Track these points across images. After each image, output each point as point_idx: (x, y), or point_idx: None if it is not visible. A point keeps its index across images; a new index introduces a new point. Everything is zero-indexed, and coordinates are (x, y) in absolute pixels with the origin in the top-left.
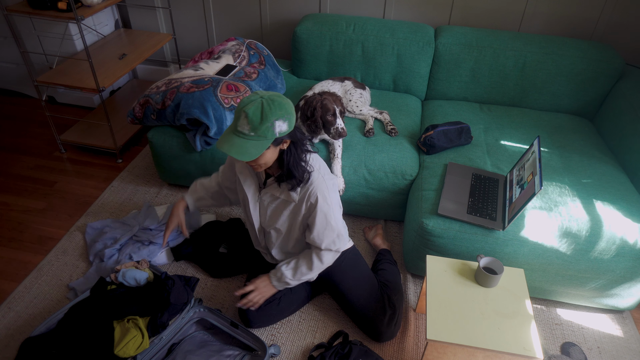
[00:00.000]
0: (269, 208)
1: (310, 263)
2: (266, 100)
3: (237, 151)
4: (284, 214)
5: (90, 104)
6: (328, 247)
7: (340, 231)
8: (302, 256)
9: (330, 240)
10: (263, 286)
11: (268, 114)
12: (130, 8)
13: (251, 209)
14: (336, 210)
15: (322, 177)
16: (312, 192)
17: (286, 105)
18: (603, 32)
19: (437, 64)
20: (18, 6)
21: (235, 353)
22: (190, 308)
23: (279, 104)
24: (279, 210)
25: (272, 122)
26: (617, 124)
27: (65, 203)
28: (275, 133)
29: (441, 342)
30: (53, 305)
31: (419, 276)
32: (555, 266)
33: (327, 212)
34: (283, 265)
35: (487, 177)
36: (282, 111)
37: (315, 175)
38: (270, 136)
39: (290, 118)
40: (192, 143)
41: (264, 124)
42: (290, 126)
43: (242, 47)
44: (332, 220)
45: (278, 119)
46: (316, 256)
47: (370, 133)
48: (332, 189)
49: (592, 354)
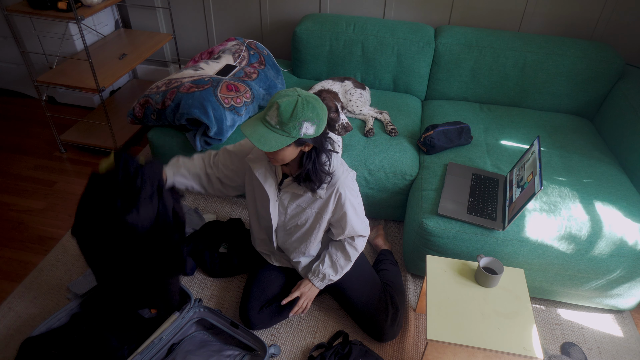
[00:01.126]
0: (289, 207)
1: (347, 253)
2: (302, 99)
3: (259, 138)
4: (307, 212)
5: (90, 104)
6: (362, 233)
7: (365, 219)
8: (333, 251)
9: (362, 228)
10: (307, 290)
11: (299, 113)
12: (130, 8)
13: (271, 208)
14: (360, 200)
15: (347, 170)
16: (339, 187)
17: (319, 110)
18: (603, 32)
19: (437, 64)
20: (18, 6)
21: (235, 353)
22: (190, 308)
23: (312, 106)
24: (300, 207)
25: (301, 122)
26: (617, 124)
27: (65, 203)
28: (301, 133)
29: (441, 342)
30: (53, 305)
31: (419, 276)
32: (555, 266)
33: (356, 205)
34: (320, 265)
35: (487, 177)
36: (314, 114)
37: (339, 170)
38: (294, 134)
39: (319, 124)
40: (192, 143)
41: (292, 121)
42: (317, 131)
43: (242, 47)
44: (360, 210)
45: (307, 120)
46: (350, 245)
47: (370, 133)
48: (353, 180)
49: (592, 354)
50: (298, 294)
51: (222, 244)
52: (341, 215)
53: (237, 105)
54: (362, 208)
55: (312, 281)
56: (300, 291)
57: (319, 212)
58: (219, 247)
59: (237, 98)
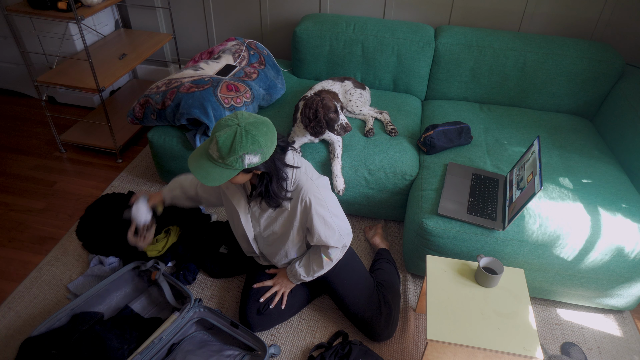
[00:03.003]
0: (261, 218)
1: (320, 262)
2: (241, 130)
3: (203, 175)
4: (278, 221)
5: (90, 104)
6: (334, 245)
7: (341, 229)
8: (312, 254)
9: (334, 240)
10: (282, 281)
11: (237, 147)
12: (130, 8)
13: (243, 222)
14: (332, 208)
15: (310, 179)
16: (303, 196)
17: (260, 139)
18: (603, 32)
19: (437, 64)
20: (18, 6)
21: (235, 353)
22: (190, 308)
23: (252, 136)
24: (271, 217)
25: (242, 155)
26: (617, 124)
27: (65, 203)
28: (244, 165)
29: (441, 342)
30: (53, 305)
31: (419, 276)
32: (555, 266)
33: (324, 213)
34: (296, 264)
35: (487, 177)
36: (255, 145)
37: (303, 178)
38: (238, 167)
39: (263, 152)
40: (192, 143)
41: (232, 155)
42: (263, 158)
43: (242, 47)
44: (330, 219)
45: (249, 152)
46: (325, 255)
47: (370, 133)
48: (323, 188)
49: (592, 354)
50: (271, 284)
51: (222, 244)
52: (309, 225)
53: (237, 105)
54: (334, 217)
55: (288, 276)
56: (274, 281)
57: (288, 219)
58: (219, 247)
59: (237, 98)
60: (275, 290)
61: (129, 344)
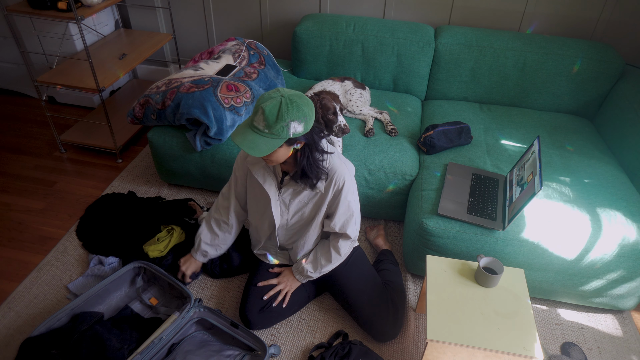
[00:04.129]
0: (291, 204)
1: (329, 255)
2: (285, 100)
3: (249, 145)
4: (308, 205)
5: (90, 104)
6: (349, 233)
7: (358, 219)
8: (319, 249)
9: (351, 228)
10: (287, 280)
11: (284, 114)
12: (130, 8)
13: (273, 208)
14: (355, 195)
15: (344, 163)
16: (337, 177)
17: (304, 107)
18: (603, 32)
19: (437, 64)
20: (18, 6)
21: (235, 353)
22: (190, 308)
23: (297, 105)
24: (302, 203)
25: (288, 123)
26: (617, 124)
27: (65, 203)
28: (290, 133)
29: (441, 342)
30: (53, 305)
31: (419, 276)
32: (555, 266)
33: (350, 199)
34: (303, 261)
35: (487, 177)
36: (300, 113)
37: (337, 162)
38: (284, 135)
39: (307, 120)
40: (192, 143)
41: (279, 123)
42: (306, 128)
43: (242, 47)
44: (353, 206)
45: (294, 120)
46: (333, 248)
47: (370, 133)
48: (351, 173)
49: (592, 354)
50: (275, 282)
51: None
52: (335, 207)
53: (237, 105)
54: (356, 206)
55: (293, 273)
56: (278, 280)
57: (318, 203)
58: None
59: (237, 98)
60: (280, 289)
61: (129, 344)
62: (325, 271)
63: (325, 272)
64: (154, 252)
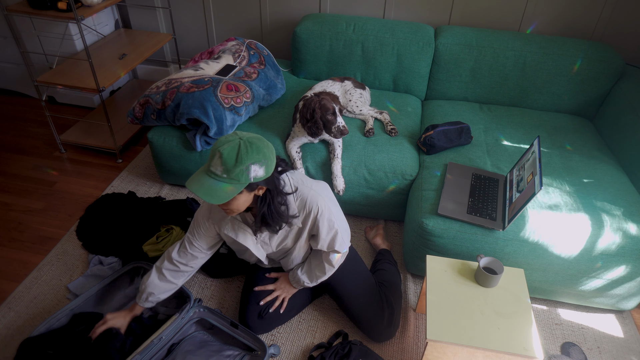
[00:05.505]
0: (272, 240)
1: (322, 267)
2: (244, 142)
3: (206, 192)
4: (289, 237)
5: (90, 104)
6: (337, 249)
7: (344, 232)
8: (313, 260)
9: (338, 244)
10: (283, 286)
11: (244, 157)
12: (130, 8)
13: (255, 252)
14: (336, 213)
15: (310, 188)
16: (307, 206)
17: (264, 150)
18: (603, 32)
19: (437, 64)
20: (18, 6)
21: (235, 353)
22: (190, 308)
23: (257, 147)
24: (283, 236)
25: (248, 166)
26: (617, 124)
27: (65, 203)
28: (250, 178)
29: (441, 342)
30: (53, 305)
31: (419, 276)
32: (555, 266)
33: (329, 217)
34: (298, 270)
35: (487, 177)
36: (260, 155)
37: (304, 191)
38: (244, 180)
39: (267, 163)
40: (192, 143)
41: (238, 166)
42: (267, 172)
43: (242, 47)
44: (334, 224)
45: (254, 162)
46: (326, 261)
47: (370, 133)
48: (323, 193)
49: (592, 354)
50: (272, 288)
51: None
52: (316, 230)
53: (237, 105)
54: (338, 221)
55: (290, 280)
56: (275, 286)
57: (298, 231)
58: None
59: (237, 98)
60: (277, 295)
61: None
62: (321, 280)
63: (322, 281)
64: (153, 252)
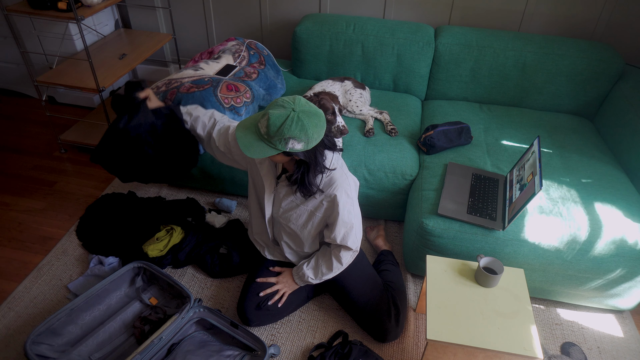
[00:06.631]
0: (284, 200)
1: (330, 264)
2: (294, 115)
3: (246, 144)
4: (300, 208)
5: (90, 104)
6: (349, 245)
7: (357, 230)
8: (321, 256)
9: (351, 240)
10: (286, 281)
11: (285, 129)
12: (130, 8)
13: (266, 198)
14: (356, 208)
15: (345, 175)
16: (335, 189)
17: (309, 130)
18: (603, 32)
19: (437, 64)
20: (18, 6)
21: (235, 353)
22: (190, 308)
23: (302, 125)
24: (294, 204)
25: (287, 138)
26: (617, 124)
27: (65, 203)
28: (287, 148)
29: (441, 342)
30: (53, 305)
31: (419, 276)
32: (555, 266)
33: (350, 210)
34: (304, 265)
35: (487, 177)
36: (302, 133)
37: (337, 173)
38: (280, 147)
39: (307, 142)
40: None
41: (277, 136)
42: (305, 147)
43: (242, 47)
44: (354, 218)
45: (294, 138)
46: (335, 258)
47: (370, 133)
48: (352, 187)
49: (592, 354)
50: (274, 281)
51: (222, 244)
52: (333, 219)
53: (237, 105)
54: (357, 217)
55: (292, 276)
56: (277, 279)
57: (312, 210)
58: (219, 248)
59: (237, 98)
60: (277, 289)
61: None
62: (326, 278)
63: (326, 279)
64: (153, 252)
